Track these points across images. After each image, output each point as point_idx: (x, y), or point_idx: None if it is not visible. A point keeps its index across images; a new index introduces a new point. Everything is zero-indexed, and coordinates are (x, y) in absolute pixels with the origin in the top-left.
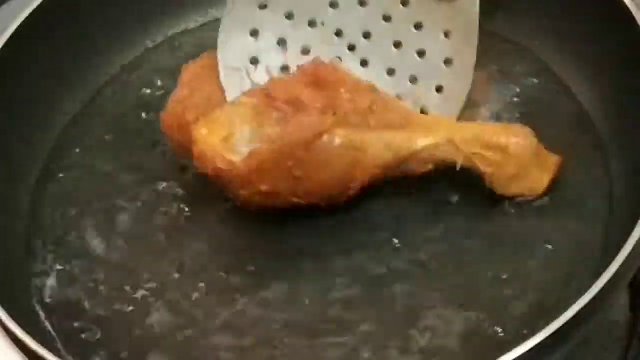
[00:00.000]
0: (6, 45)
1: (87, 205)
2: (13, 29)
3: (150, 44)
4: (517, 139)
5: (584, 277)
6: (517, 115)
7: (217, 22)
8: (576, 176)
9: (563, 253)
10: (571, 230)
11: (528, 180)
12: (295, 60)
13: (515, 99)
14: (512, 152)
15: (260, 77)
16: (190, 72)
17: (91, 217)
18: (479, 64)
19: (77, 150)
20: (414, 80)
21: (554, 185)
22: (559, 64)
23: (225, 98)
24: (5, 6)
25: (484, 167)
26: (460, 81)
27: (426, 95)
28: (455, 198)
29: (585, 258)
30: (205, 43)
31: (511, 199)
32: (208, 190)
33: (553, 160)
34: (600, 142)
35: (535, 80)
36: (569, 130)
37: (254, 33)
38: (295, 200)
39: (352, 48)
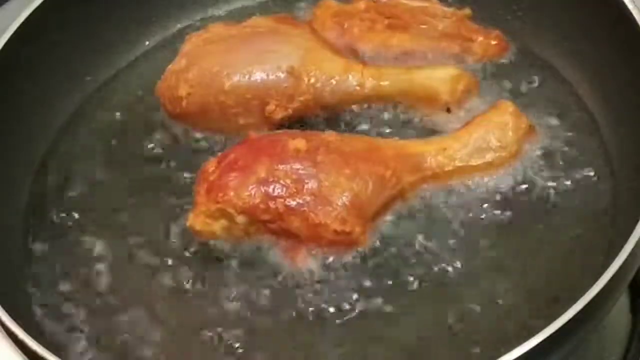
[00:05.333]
0: (6, 45)
1: (86, 205)
2: (13, 29)
3: (150, 44)
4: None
5: (584, 277)
6: None
7: (215, 20)
8: (578, 177)
9: (564, 253)
10: (573, 231)
11: None
12: None
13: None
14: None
15: None
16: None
17: (91, 217)
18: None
19: (77, 149)
20: None
21: (555, 186)
22: (562, 64)
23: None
24: (5, 6)
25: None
26: None
27: None
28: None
29: (586, 258)
30: None
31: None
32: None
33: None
34: (604, 143)
35: (539, 82)
36: (573, 131)
37: None
38: None
39: None
